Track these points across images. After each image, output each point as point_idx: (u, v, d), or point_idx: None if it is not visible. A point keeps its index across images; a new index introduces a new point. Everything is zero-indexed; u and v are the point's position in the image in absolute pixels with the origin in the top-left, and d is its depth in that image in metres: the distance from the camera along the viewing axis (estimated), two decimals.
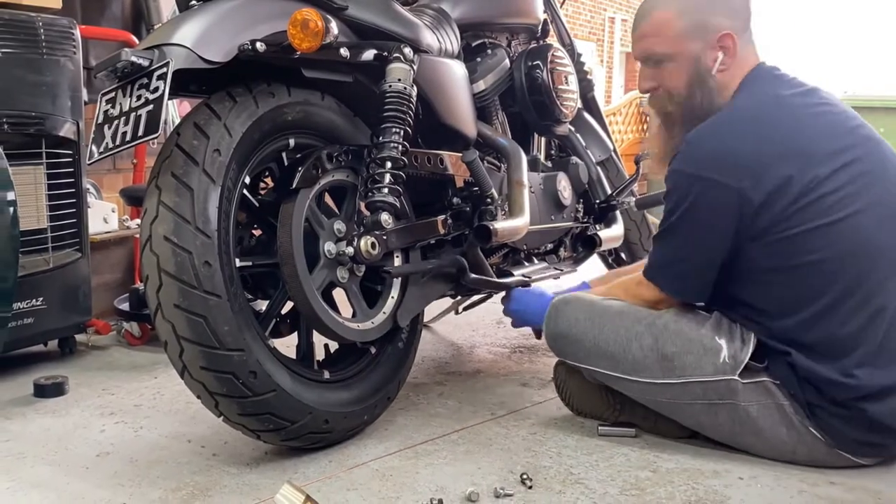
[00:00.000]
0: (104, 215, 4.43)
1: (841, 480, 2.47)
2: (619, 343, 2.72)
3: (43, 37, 3.49)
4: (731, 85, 2.70)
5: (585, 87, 4.31)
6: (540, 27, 3.93)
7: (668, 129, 2.84)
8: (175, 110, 4.73)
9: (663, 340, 2.65)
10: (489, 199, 3.07)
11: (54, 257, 3.61)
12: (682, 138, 2.67)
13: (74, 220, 3.72)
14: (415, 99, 2.71)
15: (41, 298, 3.53)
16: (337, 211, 2.79)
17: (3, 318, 2.96)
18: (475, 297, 4.08)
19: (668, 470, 2.54)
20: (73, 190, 3.70)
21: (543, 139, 3.99)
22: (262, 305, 2.74)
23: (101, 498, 2.37)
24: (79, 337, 3.94)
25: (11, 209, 2.95)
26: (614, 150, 4.35)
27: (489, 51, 3.54)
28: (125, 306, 4.05)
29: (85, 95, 3.76)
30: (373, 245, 2.63)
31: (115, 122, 2.36)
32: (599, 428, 2.83)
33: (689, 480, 2.47)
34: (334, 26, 2.46)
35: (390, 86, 2.66)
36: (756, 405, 2.56)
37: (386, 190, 2.63)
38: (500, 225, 3.02)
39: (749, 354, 2.56)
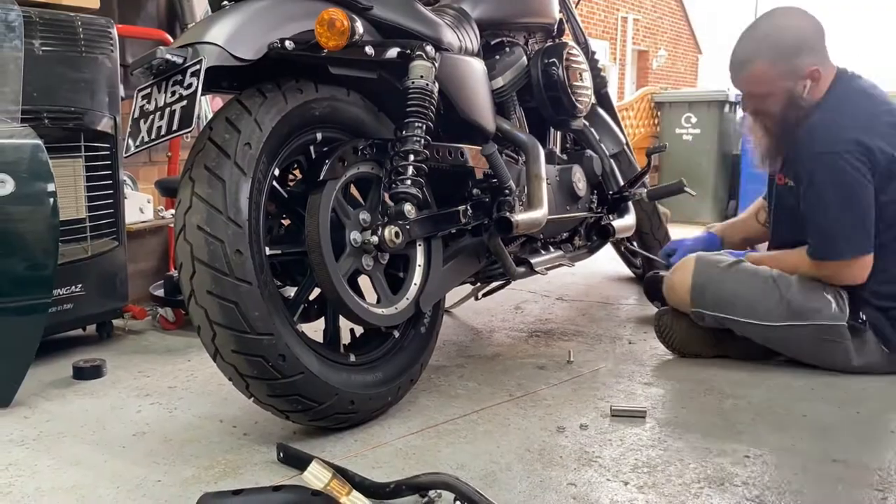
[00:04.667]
0: (140, 206, 4.44)
1: (843, 458, 2.47)
2: (755, 296, 3.32)
3: (82, 35, 3.50)
4: (818, 96, 3.30)
5: (599, 83, 4.33)
6: (556, 26, 3.93)
7: (768, 138, 3.46)
8: (208, 106, 4.73)
9: (790, 295, 3.27)
10: (507, 191, 3.07)
11: (92, 246, 3.63)
12: (794, 134, 3.30)
13: (112, 211, 3.73)
14: (436, 95, 2.71)
15: (80, 285, 3.54)
16: (362, 202, 2.79)
17: (44, 304, 2.98)
18: (494, 284, 4.08)
19: (677, 448, 2.54)
20: (111, 181, 3.71)
21: (559, 133, 3.99)
22: (291, 292, 2.74)
23: (137, 475, 2.38)
24: (116, 322, 3.95)
25: (52, 200, 2.96)
26: (627, 144, 4.35)
27: (507, 49, 3.54)
28: (160, 292, 4.07)
29: (122, 91, 3.78)
30: (396, 234, 2.63)
31: (151, 116, 2.37)
32: (612, 408, 2.83)
33: (697, 458, 2.46)
34: (359, 25, 2.46)
35: (413, 82, 2.66)
36: (854, 341, 3.24)
37: (409, 181, 2.63)
38: (521, 217, 3.02)
39: (848, 307, 3.23)
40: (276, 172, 2.54)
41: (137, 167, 4.79)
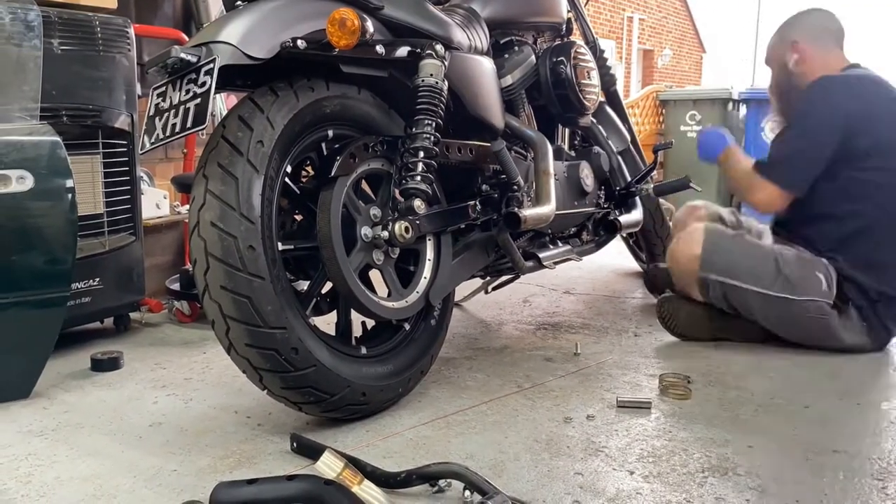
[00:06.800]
0: (156, 201, 4.46)
1: (844, 448, 2.46)
2: (759, 265, 3.50)
3: (100, 35, 3.51)
4: (811, 76, 3.62)
5: (608, 81, 4.35)
6: (564, 25, 3.92)
7: (773, 102, 3.94)
8: (223, 104, 4.74)
9: (787, 270, 3.47)
10: (515, 187, 3.07)
11: (110, 240, 3.64)
12: (784, 109, 3.81)
13: (129, 206, 3.75)
14: (446, 93, 2.71)
15: (98, 279, 3.55)
16: (374, 197, 2.79)
17: (62, 297, 2.98)
18: (504, 278, 4.08)
19: (682, 439, 2.54)
20: (128, 178, 3.72)
21: (567, 130, 3.99)
22: (305, 285, 2.74)
23: (154, 465, 2.38)
24: (133, 315, 3.97)
25: (70, 195, 2.96)
26: (633, 141, 4.35)
27: (516, 48, 3.54)
28: (176, 286, 4.07)
29: (138, 89, 3.79)
30: (406, 229, 2.63)
31: (166, 114, 2.37)
32: (618, 400, 2.83)
33: (701, 448, 2.46)
34: (370, 25, 2.46)
35: (423, 80, 2.66)
36: (840, 318, 3.47)
37: (419, 178, 2.63)
38: (529, 212, 3.02)
39: (836, 287, 3.46)
40: (289, 169, 2.54)
41: (154, 164, 4.80)
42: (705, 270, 3.55)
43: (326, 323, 2.76)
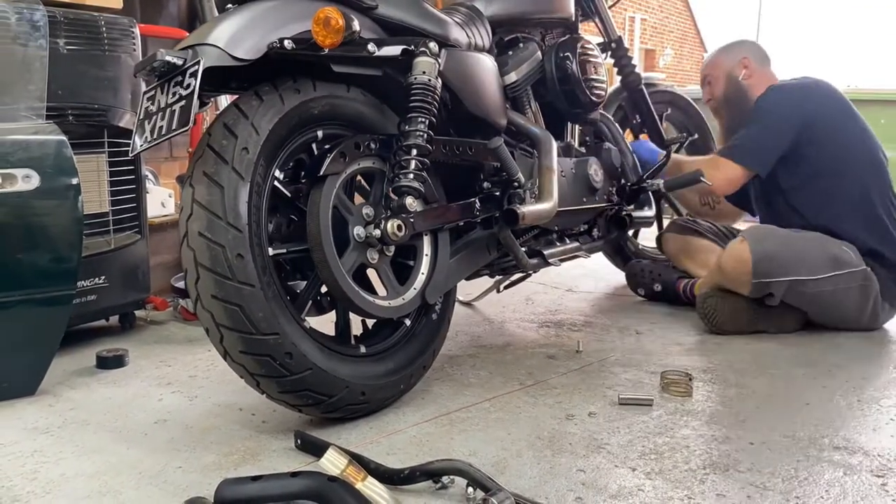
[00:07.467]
0: (162, 200, 4.45)
1: (844, 445, 2.47)
2: (810, 254, 3.72)
3: (105, 35, 3.51)
4: (757, 88, 4.13)
5: (634, 80, 4.44)
6: (573, 21, 3.89)
7: (719, 120, 4.41)
8: None
9: (829, 247, 3.75)
10: (516, 184, 3.06)
11: (115, 239, 3.64)
12: (734, 118, 4.22)
13: (134, 205, 3.75)
14: (439, 90, 2.68)
15: (103, 277, 3.55)
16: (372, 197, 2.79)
17: (68, 295, 2.98)
18: (515, 276, 4.07)
19: (683, 436, 2.54)
20: (133, 176, 3.72)
21: (578, 126, 3.98)
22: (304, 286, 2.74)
23: (159, 462, 2.38)
24: (138, 313, 3.96)
25: (76, 194, 2.96)
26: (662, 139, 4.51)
27: (521, 45, 3.52)
28: (181, 284, 4.07)
29: (144, 89, 3.78)
30: (399, 227, 2.61)
31: (154, 117, 2.40)
32: (620, 397, 2.83)
33: (703, 445, 2.46)
34: (356, 23, 2.45)
35: (415, 78, 2.63)
36: (873, 283, 3.79)
37: (411, 175, 2.61)
38: (527, 209, 3.00)
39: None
40: (278, 174, 2.53)
41: (159, 162, 4.80)
42: (760, 277, 3.68)
43: (330, 321, 2.76)
